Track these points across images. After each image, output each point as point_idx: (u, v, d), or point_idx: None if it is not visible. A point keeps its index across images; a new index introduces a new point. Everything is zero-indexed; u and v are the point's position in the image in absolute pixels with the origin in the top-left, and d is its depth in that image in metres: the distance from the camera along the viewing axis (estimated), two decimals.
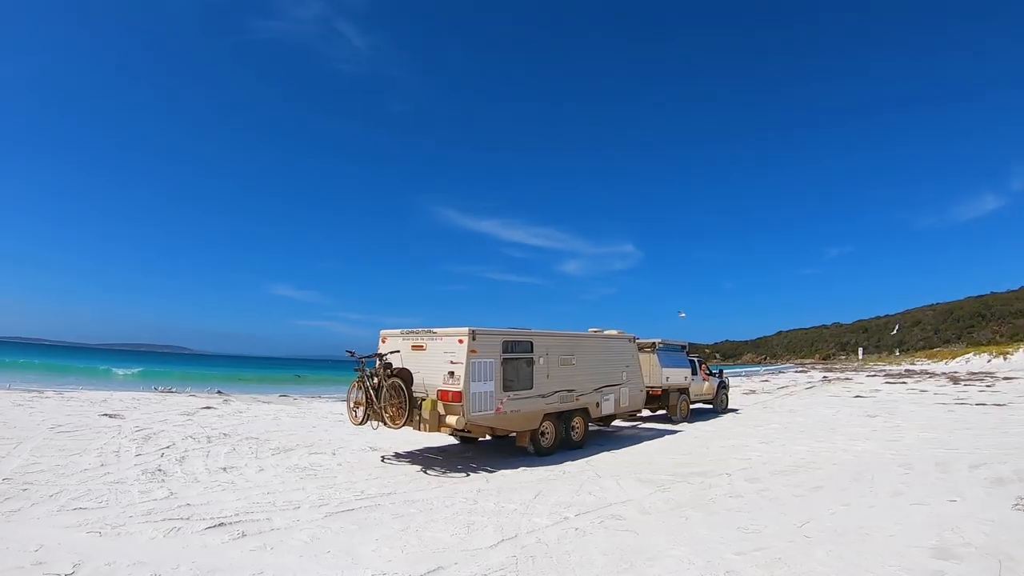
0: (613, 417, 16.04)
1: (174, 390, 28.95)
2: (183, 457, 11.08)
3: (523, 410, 12.30)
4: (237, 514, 7.59)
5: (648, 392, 17.85)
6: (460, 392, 11.03)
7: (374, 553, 6.29)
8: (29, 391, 22.64)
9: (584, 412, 14.13)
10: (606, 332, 16.33)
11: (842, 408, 23.38)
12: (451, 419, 11.00)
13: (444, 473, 10.80)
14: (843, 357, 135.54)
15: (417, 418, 11.31)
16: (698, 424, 18.89)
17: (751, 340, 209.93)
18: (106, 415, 16.37)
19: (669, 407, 19.46)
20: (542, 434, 12.94)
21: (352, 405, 12.03)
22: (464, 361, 11.16)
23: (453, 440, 14.35)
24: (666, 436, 16.09)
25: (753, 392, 32.14)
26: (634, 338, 16.67)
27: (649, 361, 18.80)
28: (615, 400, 15.25)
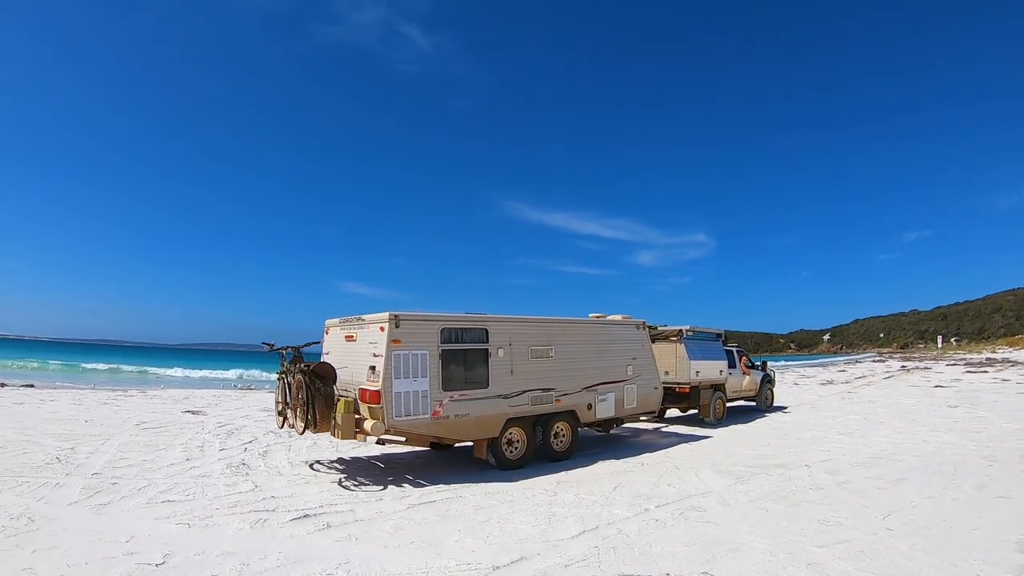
0: (617, 421, 13.32)
1: (252, 387, 29.96)
2: (266, 451, 11.49)
3: (474, 414, 10.21)
4: (321, 506, 7.79)
5: (675, 390, 16.17)
6: (379, 391, 9.32)
7: (457, 544, 6.38)
8: (114, 390, 23.81)
9: (570, 416, 11.84)
10: (609, 318, 13.86)
11: (922, 398, 22.67)
12: (369, 424, 9.28)
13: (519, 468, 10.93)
14: (921, 345, 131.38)
15: (333, 422, 9.84)
16: (774, 417, 18.47)
17: (827, 329, 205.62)
18: (188, 412, 17.12)
19: (701, 407, 16.79)
20: (508, 443, 10.83)
21: (279, 407, 10.67)
22: (384, 353, 9.41)
23: None
24: (742, 427, 15.88)
25: (831, 383, 31.40)
26: (644, 324, 13.84)
27: (675, 353, 16.51)
28: (617, 400, 12.78)
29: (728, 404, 18.09)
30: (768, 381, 20.06)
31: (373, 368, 9.48)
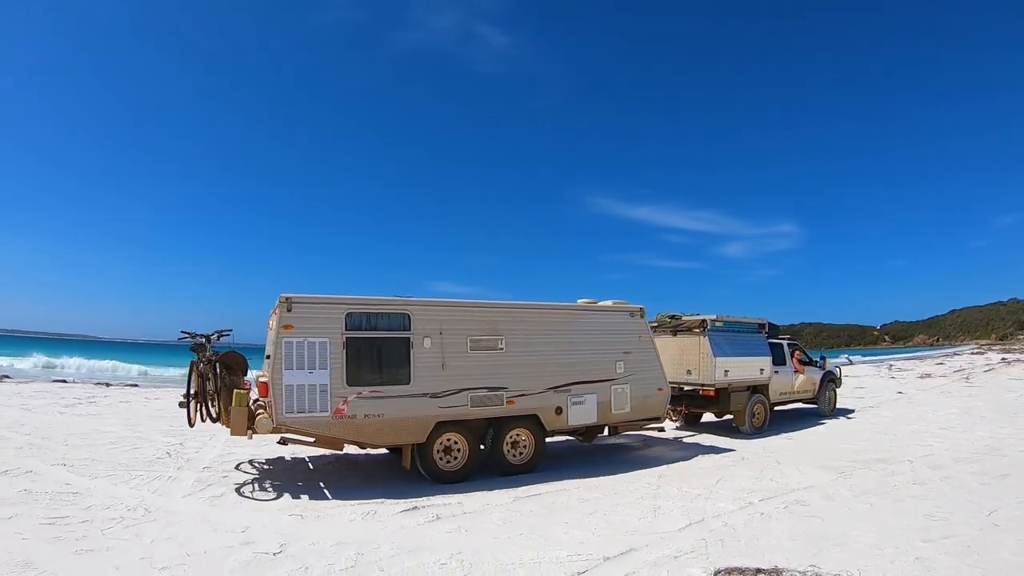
0: (599, 429, 11.24)
1: None
2: None
3: (390, 415, 8.87)
4: (430, 498, 8.08)
5: (698, 392, 13.84)
6: (267, 383, 8.50)
7: (566, 535, 6.59)
8: None
9: (532, 421, 10.07)
10: (600, 304, 11.67)
11: None
12: (261, 420, 8.41)
13: (622, 459, 11.14)
14: (1022, 337, 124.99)
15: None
16: (871, 412, 17.96)
17: (922, 320, 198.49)
18: None
19: (734, 412, 14.21)
20: (445, 450, 9.42)
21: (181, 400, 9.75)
22: (274, 340, 8.50)
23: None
24: (842, 422, 15.65)
25: (928, 376, 30.37)
26: (641, 310, 11.51)
27: (698, 348, 13.82)
28: (600, 403, 10.72)
29: (781, 407, 16.21)
30: (830, 380, 17.25)
31: (268, 357, 8.63)
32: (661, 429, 12.53)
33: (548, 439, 10.51)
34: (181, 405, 9.41)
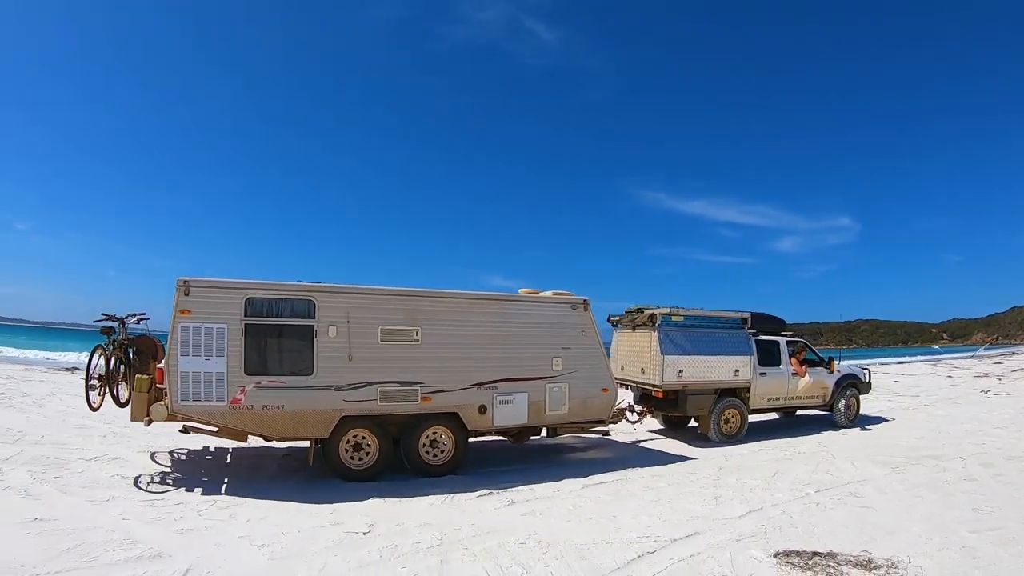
0: (531, 431, 10.50)
1: None
2: None
3: (292, 407, 8.41)
4: (503, 485, 8.55)
5: (652, 393, 12.58)
6: (163, 369, 8.20)
7: (633, 520, 7.10)
8: None
9: (453, 419, 9.45)
10: (538, 295, 10.73)
11: None
12: (156, 408, 8.16)
13: (681, 453, 11.53)
14: None
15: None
16: (926, 410, 18.02)
17: (981, 318, 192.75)
18: None
19: (698, 419, 13.04)
20: (354, 447, 8.91)
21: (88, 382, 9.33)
22: (171, 325, 8.08)
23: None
24: (897, 420, 15.75)
25: (985, 375, 30.08)
26: (585, 303, 10.55)
27: (649, 344, 12.59)
28: (532, 403, 9.96)
29: (793, 411, 14.97)
30: (849, 386, 14.81)
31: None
32: (606, 433, 11.67)
33: (473, 440, 10.00)
34: (91, 388, 9.06)
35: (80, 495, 7.29)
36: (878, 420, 15.76)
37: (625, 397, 12.21)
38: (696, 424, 13.27)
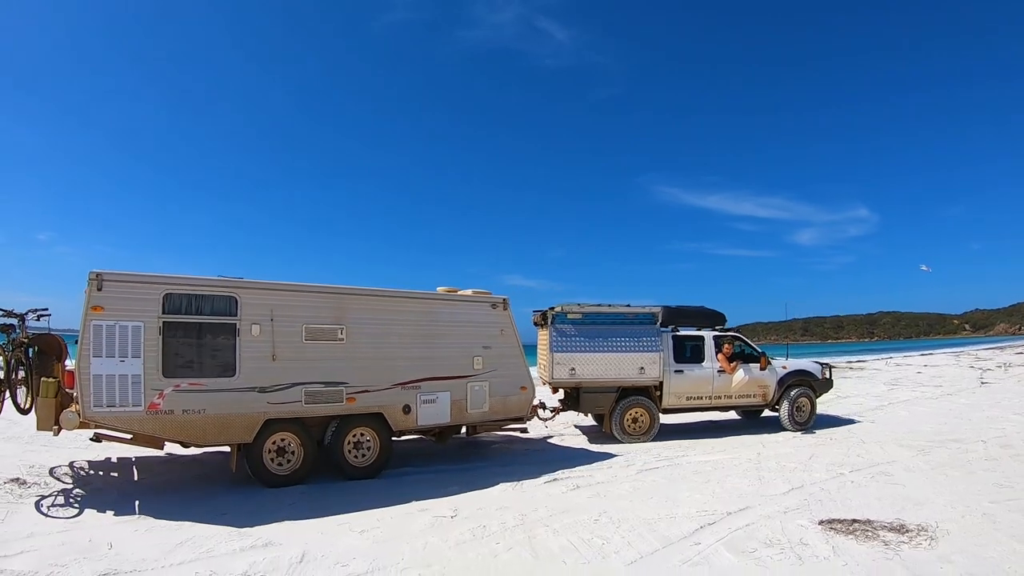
0: (453, 429, 10.54)
1: None
2: None
3: (213, 411, 8.00)
4: (563, 471, 9.43)
5: (563, 389, 12.82)
6: (72, 373, 7.56)
7: (689, 498, 7.94)
8: None
9: (377, 420, 9.33)
10: (459, 293, 10.75)
11: None
12: (66, 415, 7.49)
13: (721, 441, 12.34)
14: None
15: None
16: (949, 399, 18.64)
17: (1003, 308, 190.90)
18: None
19: (598, 417, 13.22)
20: (279, 451, 8.65)
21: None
22: (83, 323, 7.44)
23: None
24: (921, 409, 16.40)
25: (1008, 365, 30.69)
26: (504, 301, 10.70)
27: (546, 341, 12.58)
28: (454, 402, 10.04)
29: (730, 411, 14.42)
30: (796, 385, 13.38)
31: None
32: (524, 430, 11.91)
33: (397, 439, 9.99)
34: None
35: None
36: (903, 409, 16.48)
37: (539, 395, 12.01)
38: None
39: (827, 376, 14.02)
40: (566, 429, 13.85)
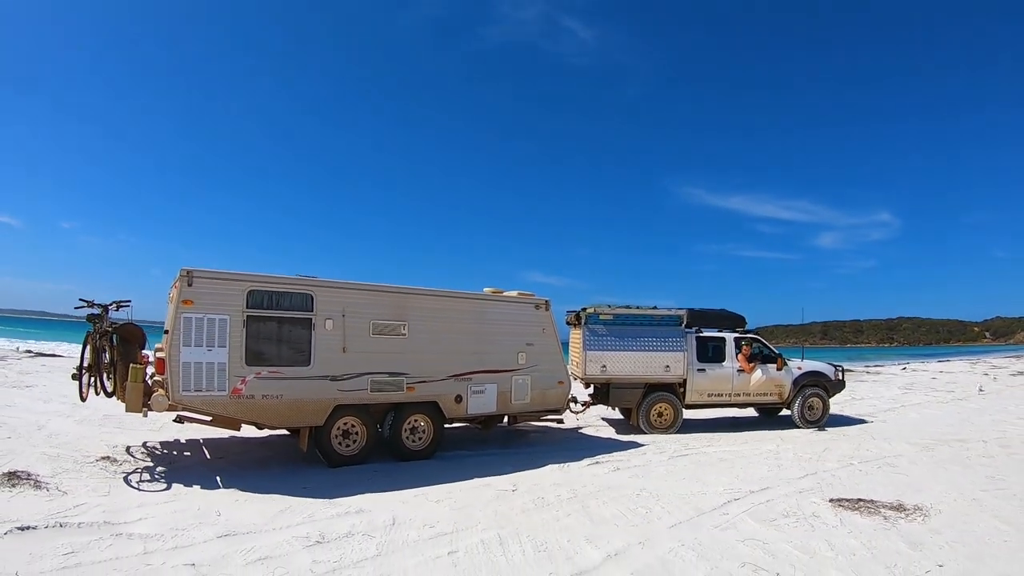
0: (498, 418, 11.46)
1: None
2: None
3: (290, 396, 8.82)
4: (603, 456, 10.52)
5: (593, 385, 13.83)
6: (164, 360, 8.17)
7: (716, 479, 9.03)
8: None
9: (432, 408, 10.21)
10: (506, 294, 11.63)
11: None
12: (157, 398, 8.14)
13: (739, 434, 13.37)
14: None
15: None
16: (960, 403, 19.49)
17: None
18: None
19: (626, 411, 14.23)
20: (344, 434, 9.50)
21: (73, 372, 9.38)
22: (172, 315, 8.23)
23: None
24: (931, 412, 17.27)
25: (1022, 374, 31.46)
26: (546, 303, 11.64)
27: (580, 340, 13.53)
28: (500, 393, 10.93)
29: (749, 407, 15.17)
30: (810, 385, 14.27)
31: (167, 332, 8.25)
32: (560, 421, 12.75)
33: (448, 426, 10.76)
34: (74, 377, 9.19)
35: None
36: (913, 411, 17.42)
37: (572, 389, 12.65)
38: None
39: (840, 378, 14.76)
40: (596, 421, 15.00)
